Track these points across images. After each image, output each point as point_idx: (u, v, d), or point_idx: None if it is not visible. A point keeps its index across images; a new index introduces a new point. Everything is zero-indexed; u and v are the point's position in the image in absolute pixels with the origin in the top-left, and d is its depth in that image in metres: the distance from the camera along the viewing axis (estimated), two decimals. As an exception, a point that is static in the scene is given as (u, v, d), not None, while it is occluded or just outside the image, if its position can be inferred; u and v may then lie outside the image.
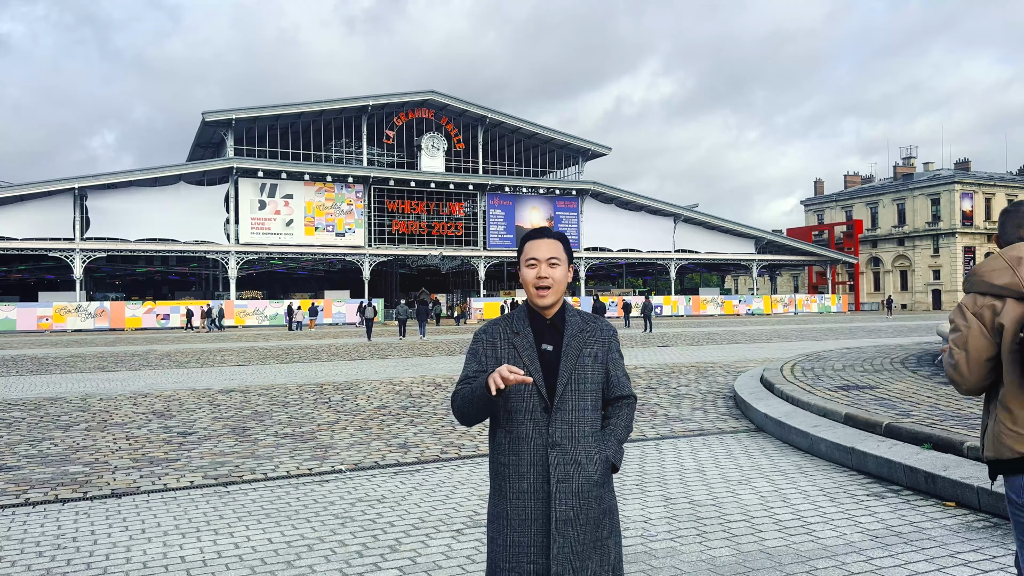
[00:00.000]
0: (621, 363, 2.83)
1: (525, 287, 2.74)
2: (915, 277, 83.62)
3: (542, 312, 2.74)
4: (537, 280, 2.69)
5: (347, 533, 5.59)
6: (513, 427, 2.68)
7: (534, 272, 2.70)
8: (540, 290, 2.69)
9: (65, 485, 7.19)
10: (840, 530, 5.45)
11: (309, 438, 9.47)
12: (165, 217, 50.61)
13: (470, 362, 2.76)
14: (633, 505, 6.19)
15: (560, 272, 2.71)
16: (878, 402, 9.16)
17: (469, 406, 2.65)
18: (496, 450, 2.75)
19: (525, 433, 2.66)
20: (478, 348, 2.77)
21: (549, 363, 2.68)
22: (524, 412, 2.66)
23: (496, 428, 2.75)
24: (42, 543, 5.46)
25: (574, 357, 2.69)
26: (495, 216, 60.40)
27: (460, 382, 2.74)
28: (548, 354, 2.69)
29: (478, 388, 2.58)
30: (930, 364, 13.45)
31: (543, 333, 2.72)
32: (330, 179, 55.21)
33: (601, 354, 2.75)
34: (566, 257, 2.75)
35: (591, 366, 2.71)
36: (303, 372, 18.26)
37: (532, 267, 2.71)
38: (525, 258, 2.73)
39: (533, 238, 2.76)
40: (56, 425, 10.69)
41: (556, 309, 2.75)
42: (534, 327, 2.74)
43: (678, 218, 65.74)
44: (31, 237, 47.89)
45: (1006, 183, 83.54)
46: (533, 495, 2.64)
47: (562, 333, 2.72)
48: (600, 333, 2.77)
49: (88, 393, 14.46)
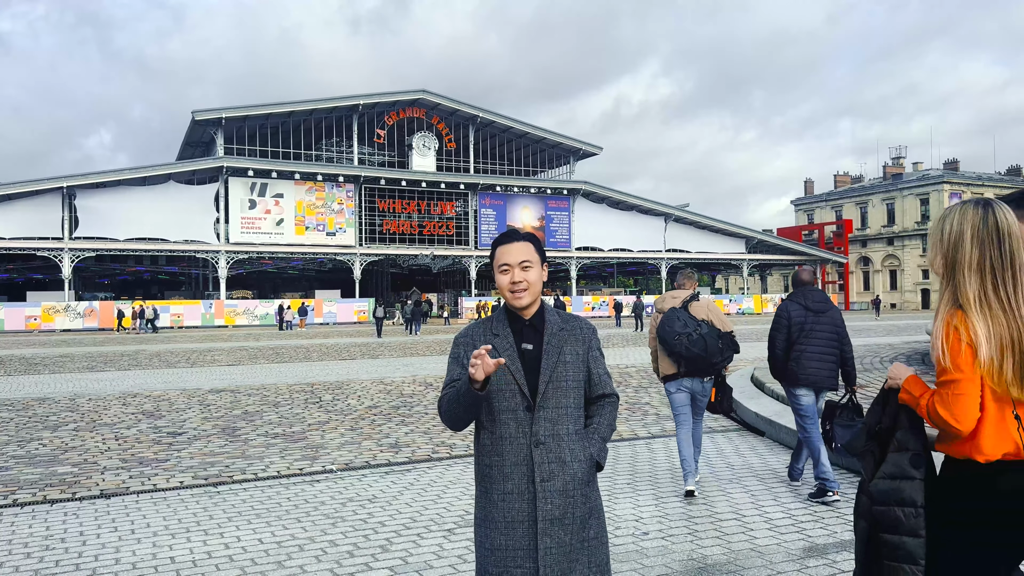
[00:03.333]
0: (602, 361, 2.83)
1: (501, 291, 2.75)
2: (904, 277, 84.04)
3: (520, 313, 2.75)
4: (512, 285, 2.70)
5: (338, 533, 5.58)
6: (496, 427, 2.68)
7: (507, 277, 2.71)
8: (516, 293, 2.71)
9: (54, 486, 7.14)
10: (830, 528, 5.47)
11: (300, 438, 9.44)
12: (155, 216, 50.31)
13: (452, 367, 2.76)
14: (624, 504, 6.20)
15: (534, 273, 2.72)
16: (868, 401, 9.19)
17: (456, 407, 2.65)
18: (480, 452, 2.75)
19: (508, 433, 2.66)
20: (459, 352, 2.77)
21: (530, 362, 2.69)
22: (507, 412, 2.66)
23: (480, 430, 2.75)
24: (30, 544, 5.42)
25: (555, 355, 2.69)
26: (486, 216, 60.36)
27: (445, 387, 2.74)
28: (529, 353, 2.70)
29: (463, 386, 2.58)
30: (920, 363, 13.52)
31: (522, 333, 2.73)
32: (321, 178, 55.02)
33: (582, 352, 2.75)
34: (538, 258, 2.75)
35: (572, 364, 2.72)
36: (294, 372, 18.21)
37: (505, 272, 2.71)
38: (498, 264, 2.74)
39: (503, 243, 2.76)
40: (44, 425, 10.62)
41: (534, 309, 2.76)
42: (513, 328, 2.74)
43: (669, 218, 65.84)
44: (19, 237, 47.55)
45: (994, 183, 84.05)
46: (518, 496, 2.63)
47: (542, 332, 2.73)
48: (580, 332, 2.78)
49: (77, 393, 14.37)
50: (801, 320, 6.33)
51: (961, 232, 2.44)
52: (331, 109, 57.17)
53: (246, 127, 55.86)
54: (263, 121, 56.02)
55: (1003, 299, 2.38)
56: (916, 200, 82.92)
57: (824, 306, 6.41)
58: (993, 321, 2.37)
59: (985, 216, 2.44)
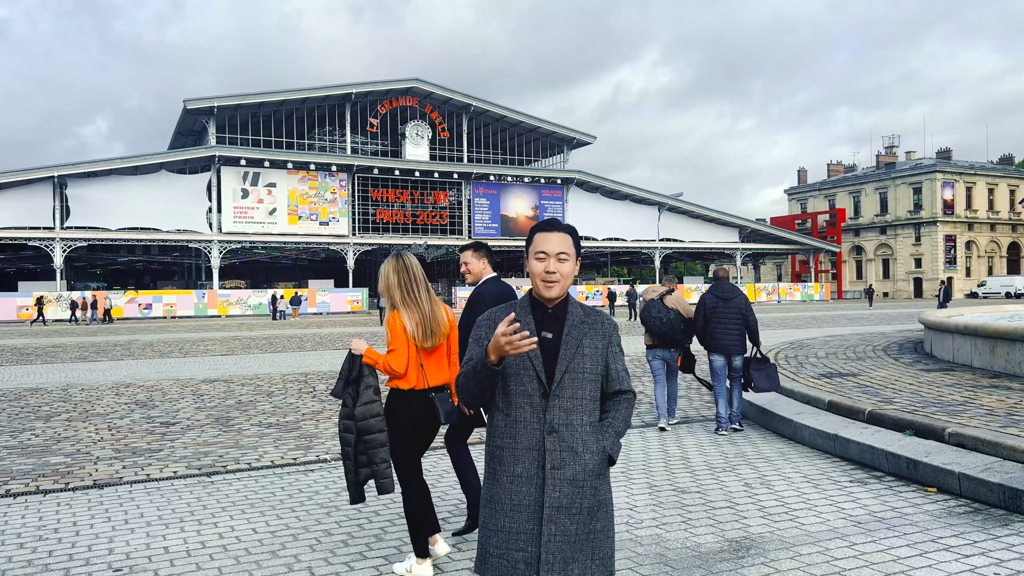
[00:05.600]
0: (621, 357, 2.83)
1: (532, 278, 2.75)
2: (897, 266, 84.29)
3: (545, 302, 2.75)
4: (546, 274, 2.70)
5: (332, 523, 5.58)
6: (511, 410, 2.69)
7: (543, 266, 2.70)
8: (547, 284, 2.70)
9: (46, 476, 7.12)
10: (823, 516, 5.49)
11: (293, 428, 9.43)
12: (147, 206, 50.11)
13: (472, 347, 2.78)
14: (618, 492, 6.21)
15: (568, 267, 2.73)
16: (861, 389, 9.23)
17: (471, 383, 2.66)
18: (493, 433, 2.75)
19: (523, 417, 2.67)
20: (480, 333, 2.78)
21: (549, 350, 2.69)
22: (523, 396, 2.67)
23: (495, 412, 2.76)
24: (23, 535, 5.41)
25: (574, 346, 2.70)
26: (480, 205, 60.27)
27: (463, 364, 2.76)
28: (548, 341, 2.70)
29: (479, 362, 2.60)
30: (912, 352, 13.58)
31: (544, 321, 2.73)
32: (313, 167, 54.85)
33: (601, 346, 2.75)
34: (575, 251, 2.76)
35: (590, 357, 2.72)
36: (287, 361, 18.18)
37: (541, 260, 2.71)
38: (535, 250, 2.73)
39: (543, 230, 2.75)
40: (37, 416, 10.59)
41: (559, 300, 2.76)
42: (535, 315, 2.75)
43: (663, 207, 65.87)
44: (10, 226, 47.31)
45: (987, 172, 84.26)
46: (527, 480, 2.64)
47: (562, 322, 2.73)
48: (601, 326, 2.78)
49: (69, 383, 14.33)
50: (713, 305, 8.72)
51: (388, 271, 4.57)
52: (324, 98, 56.93)
53: (238, 116, 55.58)
54: (255, 110, 55.74)
55: (413, 299, 4.52)
56: (909, 189, 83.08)
57: (731, 295, 8.78)
58: (411, 312, 4.49)
59: (399, 259, 4.61)
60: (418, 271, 4.57)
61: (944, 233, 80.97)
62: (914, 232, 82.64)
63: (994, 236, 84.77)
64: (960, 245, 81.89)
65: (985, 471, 5.78)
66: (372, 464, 4.35)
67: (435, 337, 4.49)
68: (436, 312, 4.53)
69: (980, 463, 5.97)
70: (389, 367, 4.37)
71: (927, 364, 11.68)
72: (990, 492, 5.60)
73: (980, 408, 7.71)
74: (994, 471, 5.76)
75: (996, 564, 4.48)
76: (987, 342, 10.80)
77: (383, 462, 4.36)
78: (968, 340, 11.36)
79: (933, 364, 11.67)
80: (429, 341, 4.46)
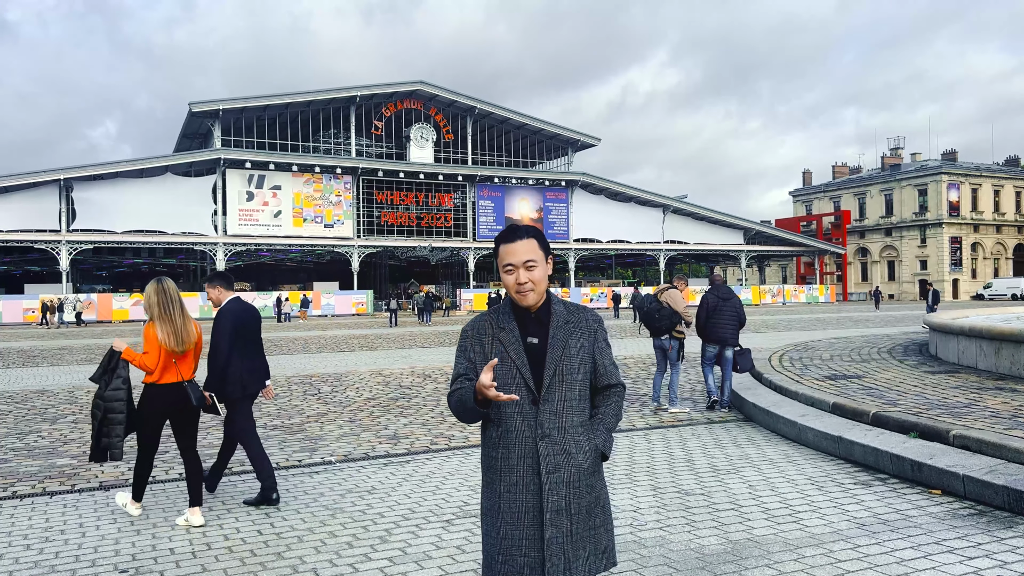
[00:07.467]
0: (608, 352, 2.83)
1: (507, 289, 2.75)
2: (902, 267, 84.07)
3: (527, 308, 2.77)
4: (518, 286, 2.69)
5: (337, 524, 5.60)
6: (502, 420, 2.70)
7: (513, 278, 2.70)
8: (522, 294, 2.70)
9: (53, 478, 7.16)
10: (827, 518, 5.49)
11: (298, 430, 9.45)
12: (152, 208, 50.24)
13: (459, 359, 2.78)
14: (622, 494, 6.22)
15: (539, 272, 2.71)
16: (865, 391, 9.22)
17: (461, 410, 2.69)
18: (487, 444, 2.77)
19: (514, 426, 2.68)
20: (466, 345, 2.78)
21: (535, 355, 2.69)
22: (512, 405, 2.67)
23: (487, 423, 2.77)
24: (30, 536, 5.44)
25: (560, 348, 2.69)
26: (484, 207, 60.29)
27: (453, 380, 2.77)
28: (534, 346, 2.70)
29: (468, 397, 2.62)
30: (917, 353, 13.55)
31: (528, 326, 2.73)
32: (318, 170, 54.93)
33: (588, 344, 2.75)
34: (543, 254, 2.73)
35: (577, 356, 2.72)
36: (292, 364, 18.22)
37: (510, 272, 2.70)
38: (502, 263, 2.72)
39: (507, 241, 2.73)
40: (43, 418, 10.63)
41: (540, 303, 2.76)
42: (519, 320, 2.74)
43: (667, 209, 65.78)
44: (16, 229, 47.47)
45: (992, 174, 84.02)
46: (524, 488, 2.66)
47: (547, 325, 2.73)
48: (586, 323, 2.78)
49: (75, 385, 14.38)
50: (714, 304, 10.49)
51: (150, 292, 5.63)
52: (328, 100, 57.00)
53: (243, 119, 55.70)
54: (260, 112, 55.86)
55: (168, 315, 5.60)
56: (914, 191, 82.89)
57: (729, 295, 10.56)
58: (164, 323, 5.58)
59: (159, 283, 5.69)
60: (174, 293, 5.72)
61: (950, 235, 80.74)
62: (919, 234, 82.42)
63: (1000, 238, 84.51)
64: (966, 247, 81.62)
65: (990, 473, 5.77)
66: (110, 436, 5.58)
67: (185, 345, 5.65)
68: (187, 326, 5.68)
69: (984, 465, 5.96)
70: (144, 364, 5.55)
71: (932, 366, 11.66)
72: (994, 494, 5.59)
73: (985, 410, 7.70)
74: (999, 473, 5.75)
75: (1000, 566, 4.48)
76: (992, 344, 10.77)
77: (117, 436, 5.60)
78: (973, 342, 11.34)
79: (938, 366, 11.65)
80: (181, 347, 5.62)
